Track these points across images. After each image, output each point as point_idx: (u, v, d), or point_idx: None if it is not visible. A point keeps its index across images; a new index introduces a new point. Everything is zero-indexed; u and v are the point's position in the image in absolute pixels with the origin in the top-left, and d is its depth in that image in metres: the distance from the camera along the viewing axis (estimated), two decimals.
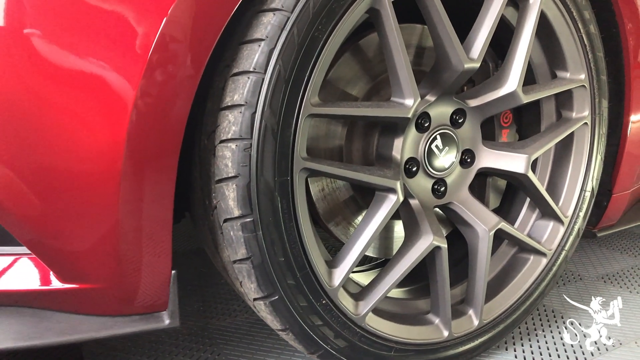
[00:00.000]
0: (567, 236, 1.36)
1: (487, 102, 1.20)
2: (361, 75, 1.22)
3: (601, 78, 1.32)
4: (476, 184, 1.39)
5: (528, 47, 1.16)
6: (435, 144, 1.18)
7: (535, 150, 1.24)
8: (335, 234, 1.27)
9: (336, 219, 1.25)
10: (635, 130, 1.45)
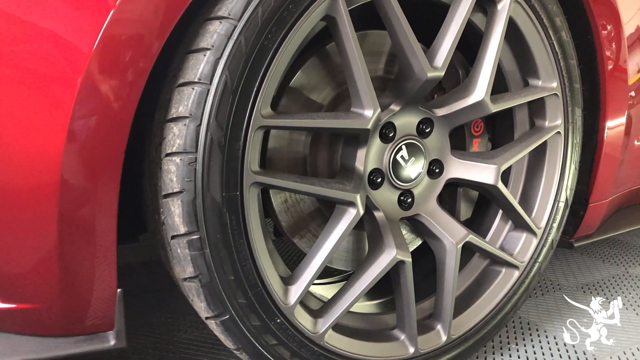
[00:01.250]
0: (540, 248, 1.32)
1: (455, 111, 1.16)
2: (327, 82, 1.18)
3: (574, 86, 1.29)
4: (447, 194, 1.36)
5: (496, 54, 1.13)
6: (401, 155, 1.14)
7: (505, 161, 1.21)
8: (301, 247, 1.24)
9: (301, 231, 1.21)
10: (611, 139, 1.42)
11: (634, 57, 1.41)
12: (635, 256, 2.03)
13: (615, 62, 1.35)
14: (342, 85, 1.20)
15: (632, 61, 1.41)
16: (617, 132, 1.43)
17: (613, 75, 1.35)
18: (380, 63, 1.22)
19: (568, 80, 1.27)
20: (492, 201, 1.34)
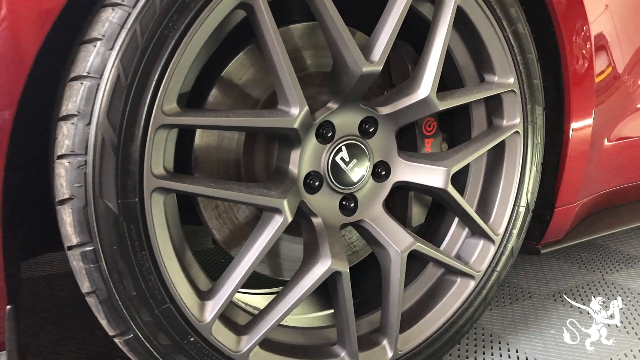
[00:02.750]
0: (498, 256, 1.23)
1: (399, 109, 1.07)
2: (265, 76, 1.09)
3: (534, 82, 1.20)
4: (399, 198, 1.27)
5: (442, 48, 1.04)
6: (341, 156, 1.05)
7: (456, 162, 1.12)
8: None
9: (236, 240, 1.12)
10: (577, 140, 1.33)
11: (602, 52, 1.32)
12: (613, 261, 1.95)
13: (579, 57, 1.26)
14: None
15: (600, 57, 1.32)
16: (584, 133, 1.34)
17: (577, 71, 1.27)
18: (326, 58, 1.13)
19: (526, 76, 1.18)
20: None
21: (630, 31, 1.40)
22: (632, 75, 1.43)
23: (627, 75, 1.42)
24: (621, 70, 1.39)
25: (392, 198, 1.28)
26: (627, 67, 1.40)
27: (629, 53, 1.40)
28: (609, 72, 1.36)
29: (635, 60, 1.41)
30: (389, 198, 1.28)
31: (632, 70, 1.42)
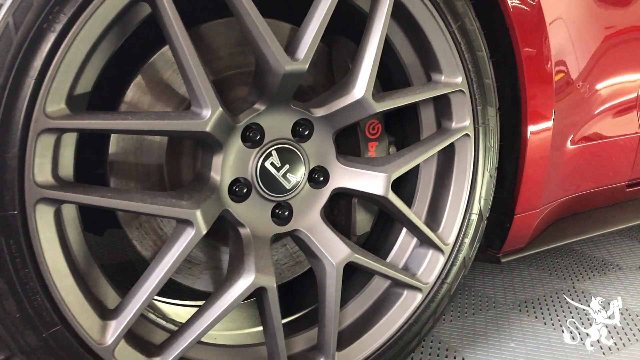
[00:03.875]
0: (448, 267, 1.16)
1: (335, 111, 1.00)
2: None
3: (484, 82, 1.12)
4: (343, 205, 1.19)
5: (378, 45, 0.97)
6: (271, 161, 0.98)
7: (398, 168, 1.04)
8: (177, 280, 1.07)
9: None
10: (536, 142, 1.25)
11: (560, 48, 1.25)
12: (586, 268, 1.87)
13: (536, 54, 1.19)
14: (219, 74, 1.03)
15: (559, 54, 1.24)
16: (543, 135, 1.26)
17: (534, 69, 1.19)
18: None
19: (476, 75, 1.11)
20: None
21: (592, 24, 1.32)
22: (595, 74, 1.36)
23: (589, 74, 1.34)
24: (582, 68, 1.31)
25: (337, 205, 1.21)
26: (588, 65, 1.33)
27: (591, 51, 1.32)
28: (569, 70, 1.29)
29: (598, 58, 1.34)
30: (335, 205, 1.21)
31: (594, 69, 1.35)
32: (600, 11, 1.35)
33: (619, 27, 1.40)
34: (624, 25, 1.41)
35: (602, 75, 1.38)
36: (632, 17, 1.42)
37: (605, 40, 1.35)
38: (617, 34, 1.39)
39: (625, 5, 1.41)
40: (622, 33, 1.40)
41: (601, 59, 1.36)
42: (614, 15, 1.39)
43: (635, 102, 1.52)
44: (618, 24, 1.39)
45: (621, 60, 1.42)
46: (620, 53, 1.41)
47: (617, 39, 1.39)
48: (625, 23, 1.41)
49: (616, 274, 1.82)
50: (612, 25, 1.37)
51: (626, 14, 1.41)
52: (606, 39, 1.36)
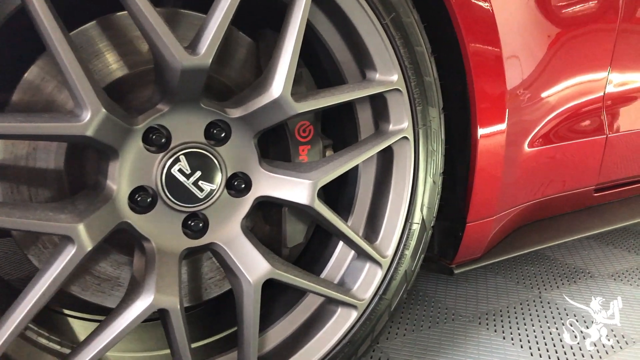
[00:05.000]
0: (387, 281, 1.07)
1: (252, 112, 0.90)
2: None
3: (425, 80, 1.03)
4: (274, 214, 1.10)
5: (296, 39, 0.87)
6: (179, 168, 0.88)
7: (325, 174, 0.95)
8: (84, 298, 0.98)
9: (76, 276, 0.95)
10: (488, 145, 1.16)
11: (514, 42, 1.15)
12: (555, 276, 1.78)
13: (484, 49, 1.09)
14: (136, 67, 0.94)
15: (511, 48, 1.15)
16: (496, 138, 1.17)
17: (482, 66, 1.10)
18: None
19: (415, 73, 1.01)
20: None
21: (550, 15, 1.23)
22: (554, 71, 1.26)
23: (547, 71, 1.25)
24: (539, 65, 1.22)
25: (268, 215, 1.11)
26: (546, 61, 1.23)
27: (549, 45, 1.23)
28: (524, 66, 1.19)
29: (557, 54, 1.25)
30: (267, 215, 1.12)
31: (553, 66, 1.25)
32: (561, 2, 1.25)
33: (582, 18, 1.30)
34: (589, 17, 1.31)
35: (563, 73, 1.29)
36: (597, 8, 1.33)
37: (564, 33, 1.26)
38: (579, 26, 1.29)
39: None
40: (585, 25, 1.31)
41: (561, 55, 1.26)
42: (577, 5, 1.29)
43: (601, 102, 1.42)
44: (582, 14, 1.30)
45: (584, 56, 1.33)
46: (583, 48, 1.32)
47: (580, 32, 1.30)
48: (591, 14, 1.32)
49: (586, 282, 1.73)
50: (574, 16, 1.28)
51: (592, 4, 1.32)
52: (566, 33, 1.26)
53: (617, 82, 1.44)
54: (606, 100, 1.43)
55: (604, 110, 1.44)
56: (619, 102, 1.47)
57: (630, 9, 1.37)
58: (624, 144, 1.51)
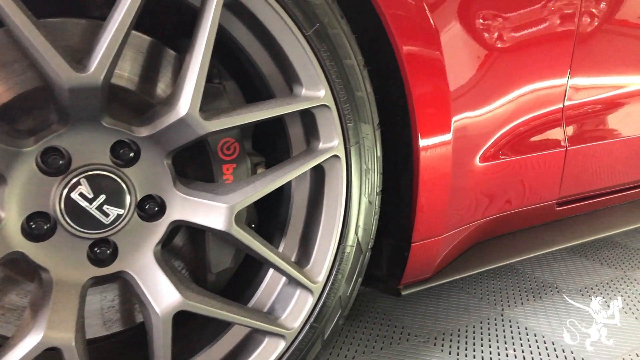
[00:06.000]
0: (319, 309, 1.00)
1: (160, 130, 0.84)
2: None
3: (356, 95, 0.96)
4: (199, 238, 1.03)
5: (205, 53, 0.81)
6: (80, 192, 0.82)
7: (243, 197, 0.88)
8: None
9: None
10: (431, 160, 1.10)
11: (457, 47, 1.09)
12: (522, 291, 1.72)
13: (419, 52, 1.03)
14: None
15: (454, 54, 1.08)
16: (440, 152, 1.11)
17: (419, 70, 1.03)
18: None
19: (345, 88, 0.95)
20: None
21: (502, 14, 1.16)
22: (505, 80, 1.20)
23: (498, 80, 1.19)
24: (488, 73, 1.16)
25: (193, 238, 1.05)
26: (496, 70, 1.17)
27: (500, 51, 1.17)
28: (470, 75, 1.13)
29: (508, 60, 1.18)
30: (194, 237, 1.05)
31: (504, 74, 1.19)
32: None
33: (535, 22, 1.24)
34: (543, 21, 1.25)
35: (516, 82, 1.23)
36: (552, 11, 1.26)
37: (516, 38, 1.20)
38: (532, 30, 1.23)
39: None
40: (538, 30, 1.24)
41: (513, 62, 1.20)
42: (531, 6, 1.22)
43: (560, 113, 1.36)
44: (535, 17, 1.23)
45: (539, 64, 1.26)
46: (538, 55, 1.25)
47: (533, 37, 1.23)
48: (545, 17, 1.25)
49: (552, 299, 1.67)
50: (527, 19, 1.21)
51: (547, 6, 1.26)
52: (518, 37, 1.20)
53: (578, 93, 1.37)
54: (566, 112, 1.37)
55: (564, 122, 1.37)
56: (580, 113, 1.41)
57: (590, 13, 1.31)
58: (587, 156, 1.45)
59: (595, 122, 1.45)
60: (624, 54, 1.42)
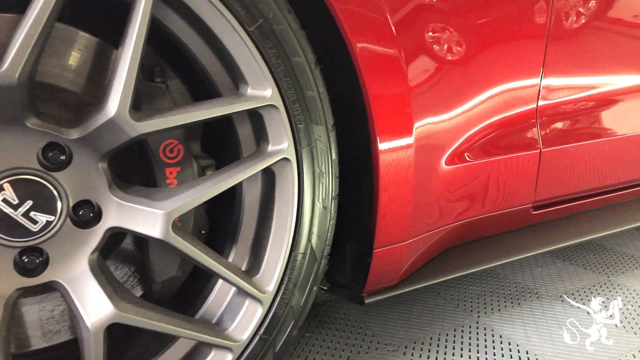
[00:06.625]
0: (270, 320, 0.95)
1: (91, 132, 0.79)
2: None
3: (307, 95, 0.91)
4: (145, 245, 0.98)
5: (134, 50, 0.76)
6: (4, 197, 0.77)
7: (181, 202, 0.83)
8: None
9: None
10: (391, 163, 1.05)
11: (416, 39, 1.04)
12: (500, 297, 1.67)
13: (374, 49, 0.98)
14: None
15: (412, 45, 1.03)
16: (401, 154, 1.06)
17: (375, 68, 0.98)
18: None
19: (294, 87, 0.90)
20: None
21: (469, 9, 1.12)
22: (473, 78, 1.15)
23: (466, 78, 1.13)
24: (453, 71, 1.11)
25: (140, 244, 1.00)
26: (462, 67, 1.12)
27: (465, 47, 1.12)
28: (432, 72, 1.08)
29: (475, 57, 1.13)
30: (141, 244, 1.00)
31: (471, 72, 1.14)
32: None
33: (507, 16, 1.19)
34: (516, 14, 1.20)
35: (483, 80, 1.18)
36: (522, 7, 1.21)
37: (484, 34, 1.15)
38: (501, 23, 1.18)
39: None
40: (509, 20, 1.19)
41: (480, 60, 1.15)
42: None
43: (534, 114, 1.31)
44: (506, 11, 1.18)
45: (510, 62, 1.21)
46: (508, 51, 1.20)
47: (503, 32, 1.18)
48: (517, 10, 1.20)
49: (530, 305, 1.62)
50: (494, 14, 1.16)
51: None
52: (486, 33, 1.15)
53: (553, 93, 1.32)
54: (540, 112, 1.32)
55: (538, 122, 1.32)
56: (555, 114, 1.35)
57: (563, 9, 1.26)
58: (563, 158, 1.40)
59: (571, 122, 1.40)
60: (600, 52, 1.37)
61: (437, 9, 1.05)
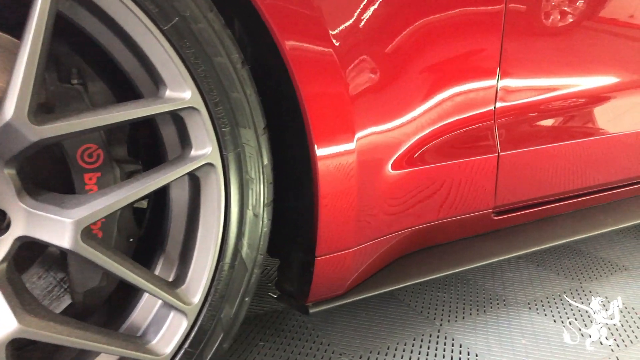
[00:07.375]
0: (196, 332, 0.91)
1: None
2: None
3: (232, 96, 0.87)
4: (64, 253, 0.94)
5: (32, 48, 0.71)
6: None
7: (91, 210, 0.79)
8: None
9: None
10: (330, 167, 1.00)
11: (353, 34, 0.99)
12: (466, 303, 1.62)
13: (310, 54, 0.93)
14: None
15: (350, 42, 0.99)
16: (342, 159, 1.01)
17: (310, 75, 0.93)
18: None
19: (217, 88, 0.85)
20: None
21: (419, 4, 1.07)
22: (422, 78, 1.10)
23: (410, 76, 1.09)
24: (397, 69, 1.06)
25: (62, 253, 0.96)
26: (404, 62, 1.07)
27: (413, 42, 1.07)
28: (375, 72, 1.03)
29: (420, 52, 1.09)
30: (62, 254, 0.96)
31: (416, 69, 1.09)
32: None
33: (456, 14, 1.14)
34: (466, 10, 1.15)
35: (432, 81, 1.13)
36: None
37: (430, 32, 1.10)
38: (450, 20, 1.13)
39: None
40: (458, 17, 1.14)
41: (427, 58, 1.11)
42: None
43: (491, 116, 1.27)
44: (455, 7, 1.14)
45: (461, 61, 1.17)
46: (459, 50, 1.16)
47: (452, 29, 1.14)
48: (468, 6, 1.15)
49: (496, 312, 1.57)
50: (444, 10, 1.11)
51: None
52: (431, 31, 1.11)
53: (511, 95, 1.28)
54: (498, 115, 1.27)
55: (496, 125, 1.28)
56: (515, 116, 1.31)
57: (519, 5, 1.22)
58: (525, 162, 1.36)
59: (532, 125, 1.35)
60: (562, 52, 1.32)
61: (376, 3, 1.00)
